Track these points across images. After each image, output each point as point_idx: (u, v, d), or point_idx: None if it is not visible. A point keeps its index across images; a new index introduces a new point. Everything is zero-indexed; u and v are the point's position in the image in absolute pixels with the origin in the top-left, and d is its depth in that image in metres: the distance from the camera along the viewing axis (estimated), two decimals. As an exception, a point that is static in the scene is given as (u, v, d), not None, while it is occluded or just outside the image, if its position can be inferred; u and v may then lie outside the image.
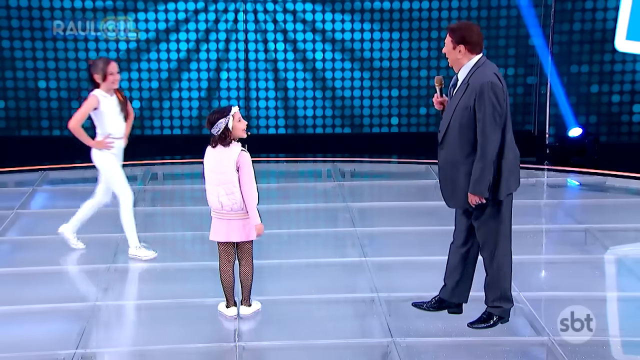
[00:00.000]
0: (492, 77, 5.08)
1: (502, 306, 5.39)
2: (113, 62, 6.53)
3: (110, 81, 6.47)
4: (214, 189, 5.53)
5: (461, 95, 5.16)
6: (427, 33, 10.55)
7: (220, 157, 5.50)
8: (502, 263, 5.33)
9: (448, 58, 5.26)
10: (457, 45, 5.16)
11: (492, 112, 5.04)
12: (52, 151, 10.00)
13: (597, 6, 10.26)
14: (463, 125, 5.14)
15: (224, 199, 5.52)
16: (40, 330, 5.65)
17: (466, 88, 5.14)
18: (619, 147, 10.46)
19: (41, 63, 10.35)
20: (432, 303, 5.63)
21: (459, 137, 5.17)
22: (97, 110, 6.51)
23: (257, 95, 10.68)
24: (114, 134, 6.60)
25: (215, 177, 5.52)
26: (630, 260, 6.87)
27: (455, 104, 5.19)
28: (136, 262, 6.81)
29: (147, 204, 8.64)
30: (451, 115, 5.21)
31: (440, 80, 5.40)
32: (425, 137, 10.72)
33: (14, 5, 10.17)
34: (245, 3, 10.43)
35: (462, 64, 5.19)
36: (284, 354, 5.34)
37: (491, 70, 5.14)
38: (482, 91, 5.04)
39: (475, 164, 5.09)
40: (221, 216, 5.57)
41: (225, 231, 5.59)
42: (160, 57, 10.51)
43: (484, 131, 5.06)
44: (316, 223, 7.73)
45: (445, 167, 5.30)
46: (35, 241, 7.32)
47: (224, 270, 5.67)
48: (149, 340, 5.45)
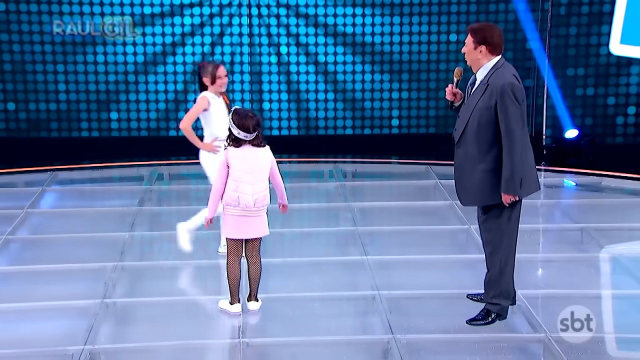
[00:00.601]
0: (512, 79, 5.10)
1: (501, 303, 5.40)
2: (222, 66, 6.48)
3: (219, 84, 6.44)
4: (249, 188, 5.52)
5: (480, 95, 5.17)
6: (427, 37, 10.54)
7: (255, 156, 5.53)
8: (504, 262, 5.33)
9: (467, 58, 5.25)
10: (478, 45, 5.16)
11: (514, 113, 5.06)
12: (61, 152, 10.01)
13: (593, 11, 10.26)
14: (482, 124, 5.15)
15: (258, 197, 5.53)
16: (49, 326, 5.66)
17: (485, 88, 5.14)
18: (614, 148, 10.45)
19: (50, 66, 10.36)
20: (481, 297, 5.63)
21: (476, 136, 5.18)
22: (207, 111, 6.48)
23: (270, 97, 10.67)
24: (222, 136, 6.55)
25: (250, 176, 5.52)
26: (625, 258, 6.86)
27: (474, 104, 5.19)
28: (143, 261, 6.81)
29: (153, 204, 8.65)
30: (469, 115, 5.22)
31: (461, 71, 5.39)
32: (425, 138, 10.74)
33: (24, 10, 10.18)
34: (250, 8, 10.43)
35: (482, 65, 5.19)
36: (287, 350, 5.34)
37: (510, 72, 5.16)
38: (503, 93, 5.06)
39: (504, 164, 5.09)
40: (250, 213, 5.56)
41: (254, 227, 5.60)
42: (176, 60, 10.51)
43: (508, 132, 5.07)
44: (319, 222, 7.73)
45: (462, 165, 5.30)
46: (45, 240, 7.33)
47: (234, 267, 5.66)
48: (156, 336, 5.45)
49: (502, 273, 5.35)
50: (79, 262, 6.68)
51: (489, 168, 5.17)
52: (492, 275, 5.38)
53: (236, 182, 5.52)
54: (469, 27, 5.28)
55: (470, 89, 5.30)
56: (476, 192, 5.25)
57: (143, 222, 7.88)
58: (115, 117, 10.60)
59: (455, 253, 7.03)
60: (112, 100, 10.57)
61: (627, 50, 9.95)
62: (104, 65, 10.42)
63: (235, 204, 5.54)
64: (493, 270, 5.37)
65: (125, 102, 10.52)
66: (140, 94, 10.53)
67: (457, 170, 5.36)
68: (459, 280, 6.32)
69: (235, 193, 5.52)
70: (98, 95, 10.52)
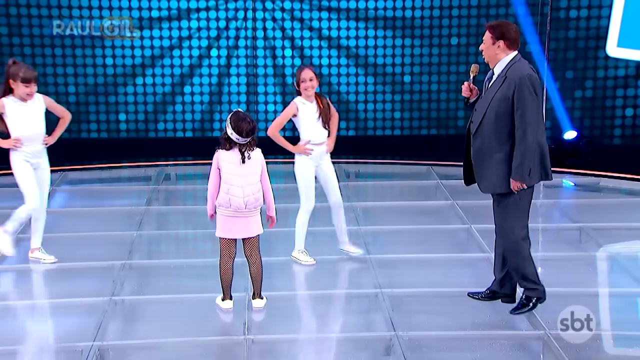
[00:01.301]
0: (530, 70, 5.23)
1: (537, 287, 5.45)
2: (306, 69, 6.37)
3: (303, 88, 6.37)
4: (240, 191, 5.52)
5: (498, 88, 5.27)
6: (429, 40, 10.53)
7: (252, 160, 5.53)
8: (519, 248, 5.38)
9: (485, 54, 5.37)
10: (496, 40, 5.28)
11: (531, 103, 5.16)
12: (71, 153, 10.01)
13: (591, 14, 10.25)
14: (499, 115, 5.24)
15: (249, 199, 5.53)
16: (59, 323, 5.67)
17: (503, 81, 5.25)
18: (612, 149, 10.43)
19: (60, 69, 10.36)
20: (486, 294, 5.73)
21: (494, 126, 5.27)
22: (296, 117, 6.46)
23: (266, 99, 10.67)
24: (313, 140, 6.52)
25: (240, 179, 5.52)
26: (623, 257, 6.85)
27: (492, 96, 5.29)
28: (151, 259, 6.81)
29: (160, 203, 8.66)
30: (487, 107, 5.31)
31: (477, 68, 5.52)
32: (426, 140, 10.72)
33: (35, 13, 10.18)
34: (253, 11, 10.43)
35: (499, 59, 5.31)
36: (291, 346, 5.34)
37: (527, 65, 5.29)
38: (521, 83, 5.17)
39: (516, 152, 5.20)
40: (242, 214, 5.57)
41: (245, 227, 5.60)
42: (173, 62, 10.50)
43: (523, 121, 5.17)
44: (322, 222, 7.71)
45: (480, 154, 5.38)
46: (55, 238, 7.32)
47: (226, 267, 5.69)
48: (163, 333, 5.45)
49: (522, 259, 5.39)
50: (88, 261, 6.68)
51: (505, 158, 5.27)
52: (512, 263, 5.45)
53: (227, 184, 5.53)
54: (486, 24, 5.41)
55: (488, 83, 5.41)
56: (493, 180, 5.34)
57: (151, 221, 7.89)
58: (123, 118, 10.60)
59: (456, 252, 7.03)
60: (120, 102, 10.57)
61: (623, 53, 9.92)
62: (113, 67, 10.42)
63: (227, 206, 5.56)
64: (514, 260, 5.43)
65: (134, 104, 10.52)
66: (147, 96, 10.53)
67: (475, 160, 5.45)
68: (460, 278, 6.32)
69: (227, 195, 5.54)
70: (107, 97, 10.51)
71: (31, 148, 6.40)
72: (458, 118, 10.76)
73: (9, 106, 6.32)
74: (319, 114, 6.45)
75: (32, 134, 6.39)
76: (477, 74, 5.54)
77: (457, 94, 10.59)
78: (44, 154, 6.52)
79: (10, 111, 6.33)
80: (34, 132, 6.40)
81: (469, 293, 5.81)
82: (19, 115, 6.34)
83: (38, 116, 6.42)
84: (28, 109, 6.36)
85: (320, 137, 6.52)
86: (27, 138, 6.38)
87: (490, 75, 5.41)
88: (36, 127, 6.41)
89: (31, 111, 6.37)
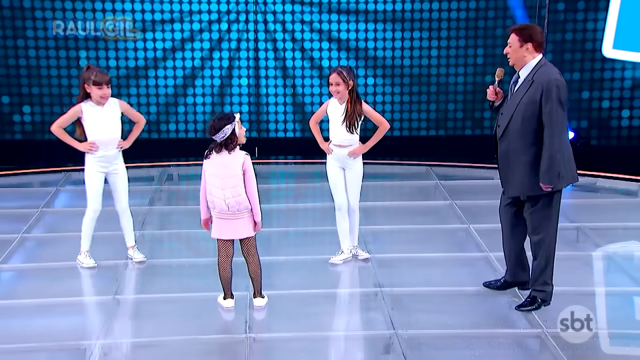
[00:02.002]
0: (557, 75, 5.22)
1: (546, 290, 5.52)
2: (333, 74, 6.32)
3: (330, 91, 6.37)
4: (220, 193, 5.52)
5: (525, 91, 5.26)
6: (428, 42, 10.52)
7: (225, 162, 5.50)
8: (550, 252, 5.47)
9: (512, 57, 5.35)
10: (524, 43, 5.27)
11: (559, 107, 5.16)
12: (75, 153, 9.99)
13: (588, 17, 10.24)
14: (526, 118, 5.24)
15: (230, 201, 5.52)
16: (63, 321, 5.67)
17: (531, 84, 5.24)
18: (609, 150, 10.43)
19: (64, 70, 10.36)
20: (501, 283, 5.88)
21: (521, 129, 5.27)
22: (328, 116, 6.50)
23: (267, 100, 10.67)
24: (334, 141, 6.48)
25: (220, 181, 5.52)
26: (620, 257, 6.85)
27: (519, 100, 5.29)
28: (153, 258, 6.80)
29: (163, 203, 8.66)
30: (514, 110, 5.31)
31: (502, 72, 5.52)
32: (425, 140, 10.71)
33: (39, 16, 10.18)
34: (255, 14, 10.43)
35: (526, 62, 5.30)
36: (292, 344, 5.34)
37: (554, 69, 5.28)
38: (550, 87, 5.16)
39: (544, 155, 5.20)
40: (226, 216, 5.58)
41: (232, 229, 5.60)
42: (175, 65, 10.50)
43: (551, 124, 5.17)
44: (322, 221, 7.72)
45: (506, 157, 5.40)
46: (59, 238, 7.34)
47: (224, 266, 5.70)
48: (165, 331, 5.46)
49: (548, 262, 5.48)
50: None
51: (532, 160, 5.28)
52: (539, 265, 5.50)
53: (209, 186, 5.56)
54: (512, 27, 5.41)
55: (514, 86, 5.40)
56: (520, 183, 5.36)
57: (153, 221, 7.89)
58: (126, 119, 10.59)
59: (455, 251, 7.02)
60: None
61: (619, 54, 9.92)
62: (116, 70, 10.42)
63: (212, 207, 5.60)
64: (540, 260, 5.48)
65: (136, 105, 10.51)
66: (150, 97, 10.53)
67: (501, 163, 5.47)
68: (458, 277, 6.32)
69: (210, 196, 5.58)
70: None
71: (106, 152, 6.43)
72: (457, 119, 10.76)
73: (86, 110, 6.37)
74: (344, 118, 6.40)
75: (108, 138, 6.42)
76: (502, 77, 5.54)
77: (456, 95, 10.67)
78: (119, 158, 6.54)
79: (87, 115, 6.37)
80: (110, 136, 6.43)
81: (484, 283, 5.96)
82: (95, 119, 6.37)
83: (113, 120, 6.44)
84: (104, 113, 6.38)
85: (342, 140, 6.46)
86: (103, 142, 6.41)
87: (515, 78, 5.40)
88: (111, 131, 6.43)
89: (107, 115, 6.40)
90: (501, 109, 5.47)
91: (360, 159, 6.56)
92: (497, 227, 6.98)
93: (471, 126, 10.77)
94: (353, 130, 6.41)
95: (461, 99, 10.69)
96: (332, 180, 6.59)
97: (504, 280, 5.90)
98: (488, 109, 5.66)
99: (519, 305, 5.63)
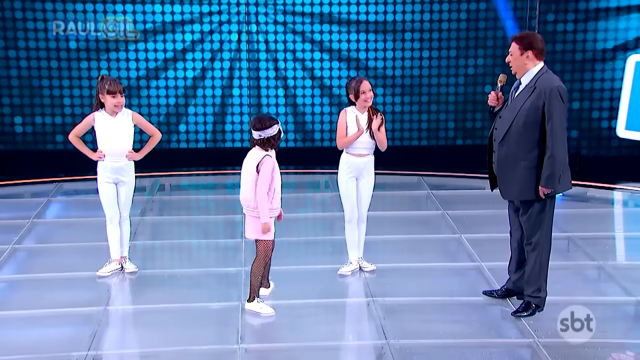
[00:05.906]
0: (559, 82, 5.30)
1: (540, 296, 5.56)
2: (365, 81, 6.34)
3: (363, 99, 6.31)
4: (242, 187, 5.72)
5: (526, 98, 5.32)
6: (419, 52, 10.57)
7: (248, 159, 5.69)
8: (544, 258, 5.51)
9: (513, 65, 5.42)
10: (525, 51, 5.35)
11: (561, 115, 5.24)
12: (66, 164, 9.99)
13: (578, 28, 10.32)
14: (527, 124, 5.30)
15: (242, 198, 5.72)
16: (54, 332, 5.64)
17: (532, 90, 5.30)
18: (599, 160, 10.49)
19: (56, 81, 10.35)
20: (502, 291, 5.91)
21: (522, 134, 5.33)
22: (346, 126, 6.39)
23: (268, 111, 10.66)
24: (355, 151, 6.41)
25: (242, 177, 5.72)
26: (610, 266, 6.87)
27: (520, 105, 5.34)
28: (145, 268, 6.79)
29: (155, 214, 8.64)
30: (515, 116, 5.36)
31: (505, 77, 5.60)
32: (417, 150, 10.74)
33: (31, 27, 10.17)
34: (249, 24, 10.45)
35: (527, 70, 5.37)
36: (284, 355, 5.33)
37: (556, 77, 5.36)
38: (552, 94, 5.23)
39: (546, 161, 5.27)
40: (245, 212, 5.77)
41: (246, 227, 5.82)
42: (177, 75, 10.50)
43: (554, 131, 5.24)
44: (315, 231, 7.72)
45: (505, 162, 5.45)
46: (50, 249, 7.31)
47: None
48: (157, 342, 5.44)
49: (541, 268, 5.52)
50: (83, 270, 6.66)
51: (531, 165, 5.34)
52: (533, 271, 5.54)
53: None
54: (513, 36, 5.49)
55: (514, 92, 5.45)
56: (517, 187, 5.41)
57: (145, 232, 7.87)
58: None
59: (446, 261, 7.03)
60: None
61: (632, 135, 10.07)
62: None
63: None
64: (535, 265, 5.52)
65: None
66: (142, 108, 10.52)
67: (499, 167, 5.51)
68: (450, 287, 6.32)
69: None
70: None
71: (114, 164, 6.40)
72: (448, 129, 10.80)
73: (98, 119, 6.37)
74: (367, 126, 6.35)
75: (117, 149, 6.38)
76: (504, 82, 5.59)
77: (447, 105, 10.71)
78: (129, 169, 6.48)
79: (98, 124, 6.37)
80: (119, 147, 6.39)
81: (484, 291, 5.98)
82: (106, 128, 6.36)
83: (124, 131, 6.41)
84: (116, 123, 6.37)
85: (366, 148, 6.39)
86: (111, 152, 6.38)
87: (517, 84, 5.46)
88: (121, 142, 6.39)
89: (118, 125, 6.37)
90: (500, 113, 5.51)
91: (372, 168, 6.53)
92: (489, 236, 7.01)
93: (463, 136, 10.81)
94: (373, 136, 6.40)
95: (453, 109, 10.73)
96: (345, 192, 6.54)
97: (504, 288, 5.93)
98: (488, 114, 5.71)
99: (514, 311, 5.66)
